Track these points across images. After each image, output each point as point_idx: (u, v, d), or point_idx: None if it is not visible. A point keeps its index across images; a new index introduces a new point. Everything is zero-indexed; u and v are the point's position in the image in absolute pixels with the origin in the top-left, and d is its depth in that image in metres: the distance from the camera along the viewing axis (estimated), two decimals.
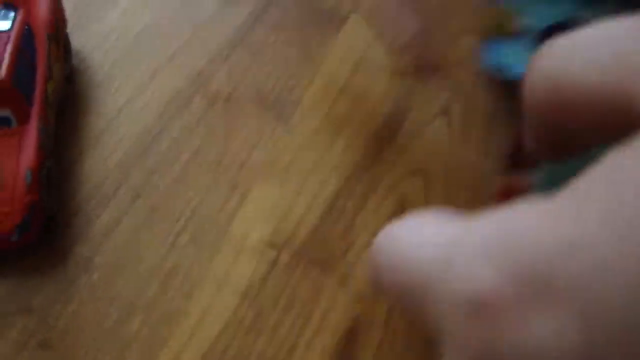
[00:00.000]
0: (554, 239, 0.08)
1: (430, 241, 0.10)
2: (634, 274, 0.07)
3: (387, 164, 0.30)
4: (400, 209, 0.29)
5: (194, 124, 0.31)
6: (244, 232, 0.28)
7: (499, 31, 0.30)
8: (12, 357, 0.25)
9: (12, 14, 0.28)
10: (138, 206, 0.29)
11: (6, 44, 0.26)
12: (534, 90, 0.11)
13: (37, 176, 0.26)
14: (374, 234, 0.29)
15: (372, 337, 0.27)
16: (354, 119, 0.31)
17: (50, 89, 0.28)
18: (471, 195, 0.29)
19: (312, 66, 0.33)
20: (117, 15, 0.34)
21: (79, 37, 0.33)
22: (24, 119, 0.26)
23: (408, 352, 0.26)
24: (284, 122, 0.31)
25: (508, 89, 0.30)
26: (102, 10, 0.34)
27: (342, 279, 0.28)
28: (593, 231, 0.08)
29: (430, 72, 0.33)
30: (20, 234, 0.26)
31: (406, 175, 0.30)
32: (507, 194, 0.28)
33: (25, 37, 0.27)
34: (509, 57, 0.30)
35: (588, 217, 0.08)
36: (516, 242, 0.08)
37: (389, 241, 0.11)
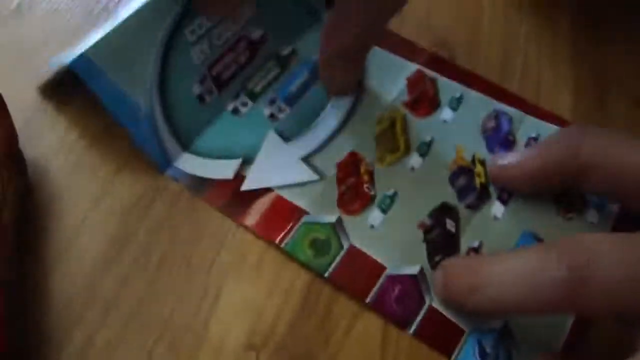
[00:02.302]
0: None
1: None
2: None
3: None
4: None
5: (158, 227, 0.31)
6: (221, 336, 0.28)
7: None
8: None
9: None
10: (111, 320, 0.28)
11: None
12: None
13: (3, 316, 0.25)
14: (354, 317, 0.29)
15: None
16: None
17: (6, 217, 0.27)
18: None
19: None
20: (69, 122, 0.34)
21: (33, 148, 0.32)
22: None
23: None
24: None
25: None
26: (54, 116, 0.34)
27: None
28: None
29: None
30: None
31: None
32: None
33: None
34: None
35: None
36: None
37: None
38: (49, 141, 0.33)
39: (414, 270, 0.30)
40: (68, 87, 0.35)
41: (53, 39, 0.37)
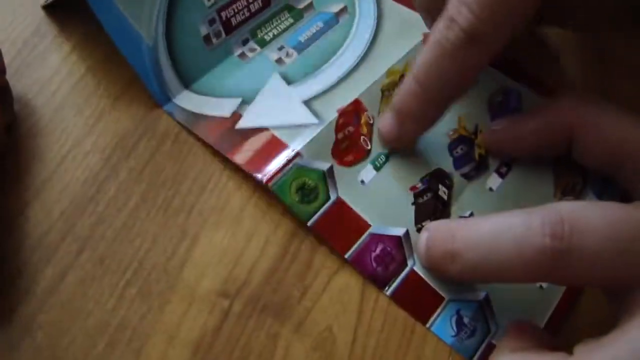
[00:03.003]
0: None
1: None
2: None
3: None
4: None
5: (141, 168, 0.30)
6: (195, 281, 0.27)
7: None
8: None
9: None
10: (84, 258, 0.27)
11: None
12: None
13: None
14: (335, 271, 0.28)
15: None
16: None
17: None
18: None
19: None
20: (61, 58, 0.33)
21: (21, 83, 0.32)
22: None
23: None
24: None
25: None
26: (46, 53, 0.33)
27: (298, 326, 0.26)
28: None
29: None
30: None
31: None
32: None
33: None
34: None
35: None
36: None
37: None
38: (38, 76, 0.32)
39: (399, 231, 0.29)
40: (60, 24, 0.34)
41: None
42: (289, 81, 0.33)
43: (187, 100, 0.32)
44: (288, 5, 0.36)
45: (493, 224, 0.24)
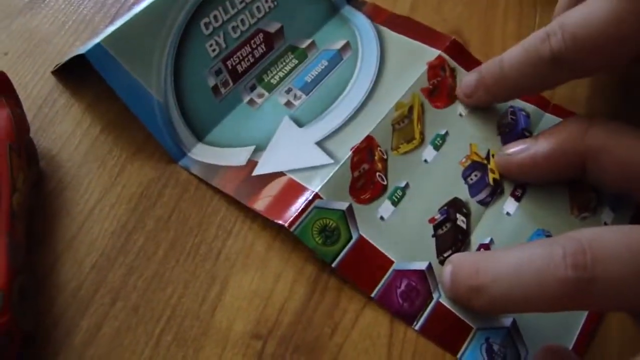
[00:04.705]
0: None
1: None
2: None
3: None
4: None
5: (167, 216, 0.31)
6: (227, 325, 0.28)
7: None
8: None
9: None
10: (118, 309, 0.28)
11: None
12: None
13: (9, 296, 0.25)
14: (362, 307, 0.28)
15: None
16: None
17: (16, 201, 0.28)
18: None
19: None
20: (82, 110, 0.34)
21: (44, 139, 0.33)
22: None
23: None
24: None
25: None
26: (67, 108, 0.34)
27: None
28: None
29: None
30: None
31: None
32: None
33: None
34: None
35: None
36: None
37: None
38: (61, 130, 0.33)
39: (422, 265, 0.29)
40: (80, 77, 0.35)
41: (66, 29, 0.37)
42: (300, 124, 0.34)
43: (202, 153, 0.33)
44: (291, 46, 0.37)
45: (515, 257, 0.25)
